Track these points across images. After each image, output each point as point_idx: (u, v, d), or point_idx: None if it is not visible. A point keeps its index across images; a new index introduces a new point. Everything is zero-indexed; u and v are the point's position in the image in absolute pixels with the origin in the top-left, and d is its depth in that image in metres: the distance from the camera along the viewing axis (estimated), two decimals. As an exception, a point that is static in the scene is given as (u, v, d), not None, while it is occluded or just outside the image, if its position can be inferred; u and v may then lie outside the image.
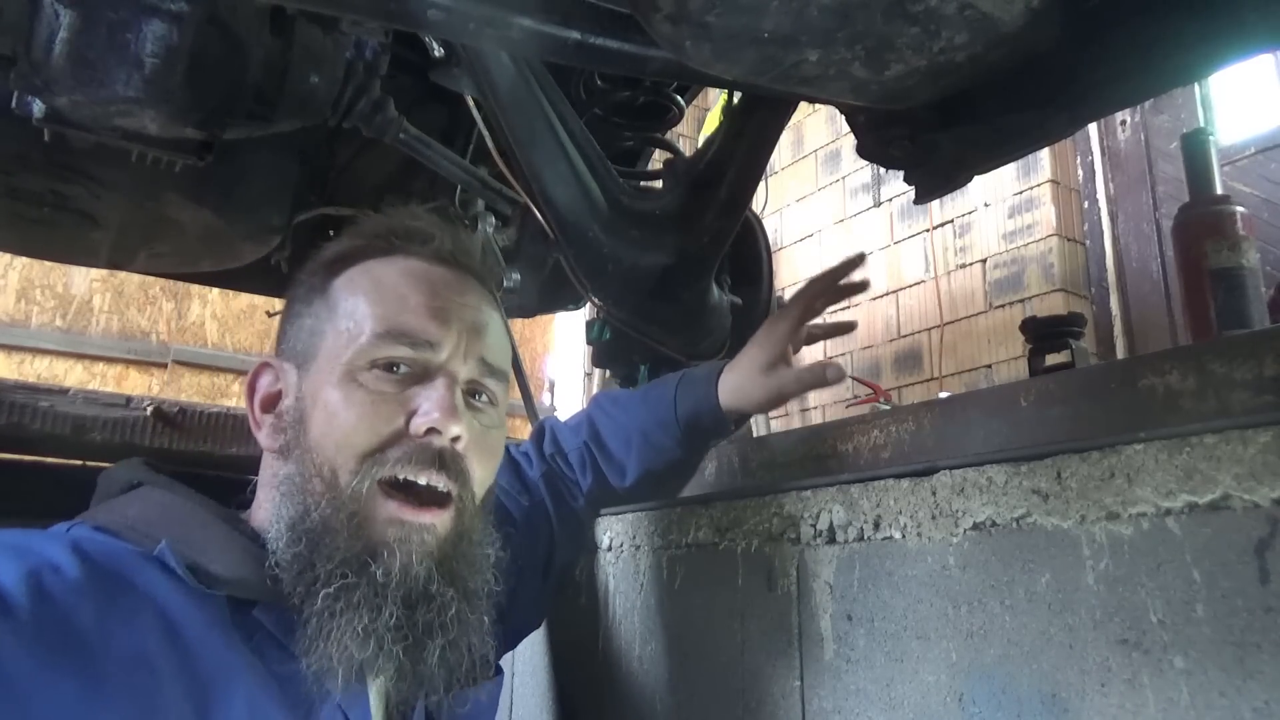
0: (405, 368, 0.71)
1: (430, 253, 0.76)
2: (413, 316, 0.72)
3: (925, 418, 0.68)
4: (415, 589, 0.66)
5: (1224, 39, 0.74)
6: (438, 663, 0.67)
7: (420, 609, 0.66)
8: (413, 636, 0.66)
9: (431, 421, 0.68)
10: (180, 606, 0.61)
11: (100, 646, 0.56)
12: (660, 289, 1.27)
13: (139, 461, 0.75)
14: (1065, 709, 0.57)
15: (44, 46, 0.91)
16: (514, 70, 1.15)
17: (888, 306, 3.50)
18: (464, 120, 1.53)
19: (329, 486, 0.67)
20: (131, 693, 0.56)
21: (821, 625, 0.76)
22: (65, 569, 0.58)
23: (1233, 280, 1.18)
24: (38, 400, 1.07)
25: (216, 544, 0.66)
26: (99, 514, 0.68)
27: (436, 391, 0.70)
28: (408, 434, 0.69)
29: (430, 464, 0.68)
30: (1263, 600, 0.48)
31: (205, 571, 0.63)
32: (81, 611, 0.56)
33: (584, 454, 0.97)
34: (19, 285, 3.38)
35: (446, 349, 0.72)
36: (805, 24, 0.71)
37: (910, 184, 1.04)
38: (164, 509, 0.69)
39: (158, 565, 0.62)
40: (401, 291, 0.73)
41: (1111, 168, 3.07)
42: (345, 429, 0.68)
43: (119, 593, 0.59)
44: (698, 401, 0.90)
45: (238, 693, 0.60)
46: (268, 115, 1.15)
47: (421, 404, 0.69)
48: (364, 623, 0.64)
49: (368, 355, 0.70)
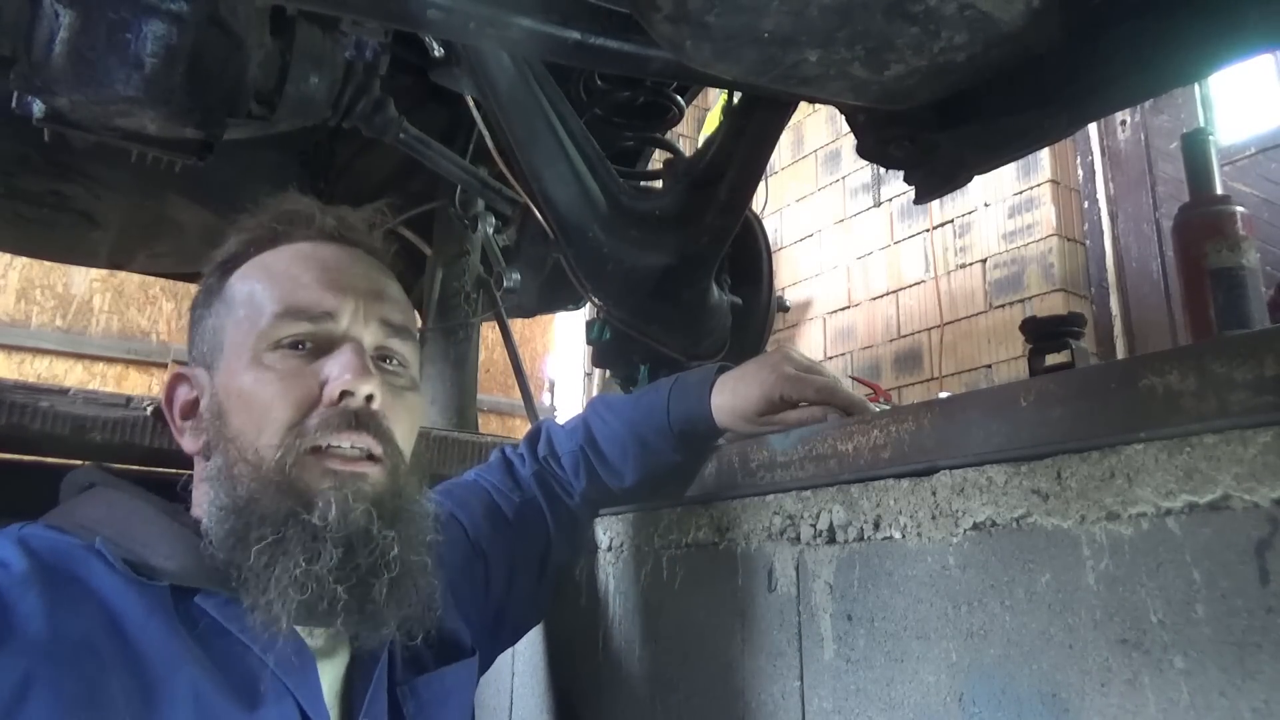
0: (309, 343, 0.72)
1: (315, 233, 0.78)
2: (306, 292, 0.73)
3: (925, 418, 0.68)
4: (355, 532, 0.66)
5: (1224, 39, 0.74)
6: (386, 599, 0.67)
7: (361, 551, 0.66)
8: (356, 577, 0.66)
9: (343, 384, 0.69)
10: (122, 597, 0.62)
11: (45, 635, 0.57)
12: (660, 289, 1.27)
13: (94, 466, 0.77)
14: (1065, 709, 0.57)
15: (44, 46, 0.91)
16: (514, 70, 1.15)
17: (888, 306, 3.50)
18: (464, 120, 1.53)
19: (254, 467, 0.68)
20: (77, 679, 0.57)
21: (821, 625, 0.76)
22: (11, 563, 0.60)
23: (1233, 280, 1.18)
24: (38, 400, 1.07)
25: (157, 536, 0.68)
26: (52, 515, 0.70)
27: (344, 355, 0.71)
28: (321, 401, 0.69)
29: (349, 425, 0.69)
30: (1263, 600, 0.48)
31: (145, 563, 0.65)
32: (26, 601, 0.58)
33: (578, 458, 0.97)
34: (19, 285, 3.38)
35: (345, 316, 0.73)
36: (805, 24, 0.71)
37: (910, 184, 1.04)
38: (110, 506, 0.70)
39: (100, 558, 0.64)
40: (293, 272, 0.74)
41: (1111, 168, 3.07)
42: (261, 410, 0.69)
43: (63, 584, 0.61)
44: (690, 409, 0.90)
45: (182, 680, 0.61)
46: (268, 115, 1.15)
47: (331, 370, 0.70)
48: (301, 567, 0.64)
49: (269, 337, 0.71)
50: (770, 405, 0.85)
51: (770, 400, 0.85)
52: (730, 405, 0.87)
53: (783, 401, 0.85)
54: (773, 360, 0.88)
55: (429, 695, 0.78)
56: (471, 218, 1.76)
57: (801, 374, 0.85)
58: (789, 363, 0.86)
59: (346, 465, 0.69)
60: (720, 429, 0.90)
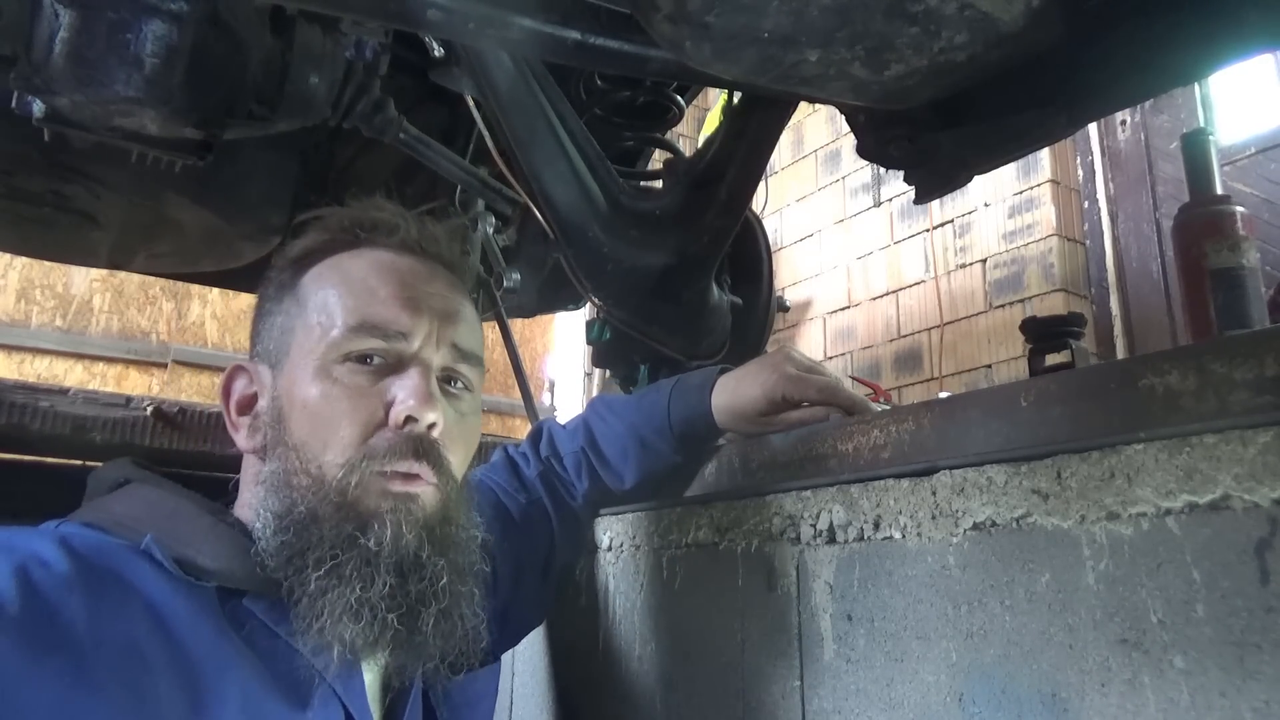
0: (379, 359, 0.71)
1: (397, 243, 0.76)
2: (383, 307, 0.72)
3: (925, 418, 0.68)
4: (407, 558, 0.66)
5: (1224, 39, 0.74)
6: (433, 631, 0.67)
7: (412, 578, 0.66)
8: (406, 605, 0.66)
9: (408, 410, 0.69)
10: (169, 598, 0.61)
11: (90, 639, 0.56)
12: (660, 289, 1.27)
13: (127, 460, 0.75)
14: (1065, 709, 0.57)
15: (44, 46, 0.91)
16: (514, 70, 1.15)
17: (888, 306, 3.50)
18: (464, 120, 1.53)
19: (315, 481, 0.67)
20: (123, 683, 0.56)
21: (821, 625, 0.76)
22: (53, 564, 0.58)
23: (1233, 280, 1.18)
24: (38, 400, 1.07)
25: (203, 536, 0.67)
26: (87, 512, 0.69)
27: (411, 380, 0.70)
28: (386, 424, 0.69)
29: (410, 454, 0.68)
30: (1263, 600, 0.48)
31: (192, 564, 0.64)
32: (69, 605, 0.56)
33: (580, 459, 0.97)
34: (19, 285, 3.38)
35: (418, 338, 0.72)
36: (805, 24, 0.71)
37: (910, 184, 1.04)
38: (150, 504, 0.69)
39: (145, 558, 0.62)
40: (371, 284, 0.73)
41: (1111, 168, 3.07)
42: (326, 426, 0.68)
43: (107, 585, 0.60)
44: (691, 410, 0.90)
45: (231, 682, 0.60)
46: (268, 115, 1.15)
47: (398, 393, 0.69)
48: (356, 594, 0.64)
49: (340, 349, 0.70)
50: (772, 405, 0.85)
51: (772, 400, 0.85)
52: (731, 405, 0.87)
53: (784, 401, 0.85)
54: (774, 360, 0.87)
55: (460, 699, 0.78)
56: (471, 218, 1.76)
57: (803, 374, 0.85)
58: (790, 363, 0.86)
59: (403, 485, 0.68)
60: (721, 430, 0.90)
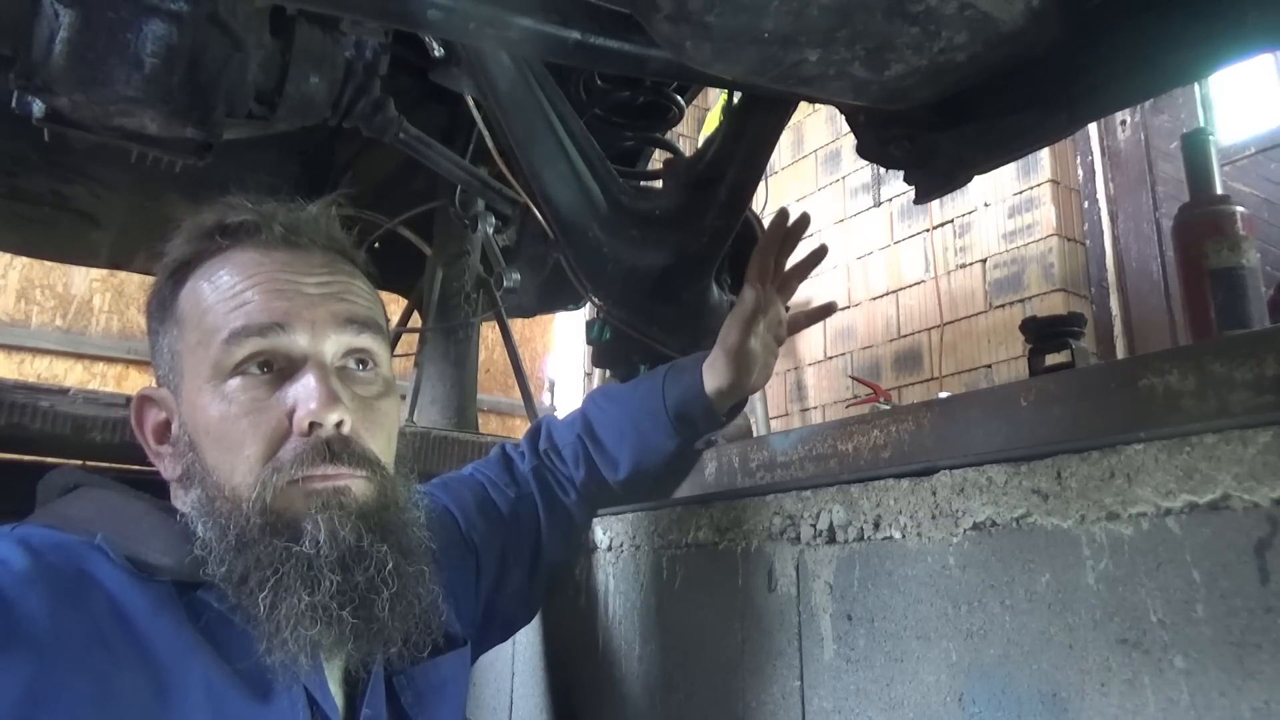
0: (270, 367, 0.70)
1: (262, 241, 0.74)
2: (252, 307, 0.70)
3: (925, 418, 0.68)
4: (348, 551, 0.66)
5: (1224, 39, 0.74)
6: (389, 616, 0.67)
7: (357, 569, 0.66)
8: (357, 597, 0.66)
9: (310, 415, 0.67)
10: (128, 592, 0.62)
11: (52, 633, 0.57)
12: (660, 289, 1.27)
13: (72, 468, 0.76)
14: (1065, 709, 0.57)
15: (44, 46, 0.91)
16: (514, 70, 1.15)
17: (888, 306, 3.50)
18: (464, 120, 1.53)
19: (234, 504, 0.67)
20: (88, 675, 0.57)
21: (821, 625, 0.76)
22: (11, 561, 0.59)
23: (1233, 280, 1.18)
24: (38, 400, 1.07)
25: (153, 533, 0.67)
26: (39, 517, 0.69)
27: (308, 382, 0.68)
28: (292, 432, 0.68)
29: (323, 458, 0.67)
30: (1263, 600, 0.48)
31: (144, 561, 0.64)
32: (29, 601, 0.57)
33: (578, 448, 0.97)
34: (19, 285, 3.38)
35: (300, 329, 0.70)
36: (805, 24, 0.71)
37: (910, 184, 1.04)
38: (100, 505, 0.69)
39: (102, 554, 0.63)
40: (238, 288, 0.71)
41: (1111, 168, 3.07)
42: (232, 446, 0.67)
43: (67, 580, 0.60)
44: (684, 389, 0.90)
45: (194, 672, 0.61)
46: (268, 115, 1.15)
47: (297, 398, 0.68)
48: (305, 600, 0.64)
49: (224, 364, 0.69)
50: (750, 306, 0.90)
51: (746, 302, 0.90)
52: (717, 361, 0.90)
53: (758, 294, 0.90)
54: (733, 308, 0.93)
55: (424, 684, 0.78)
56: (471, 218, 1.76)
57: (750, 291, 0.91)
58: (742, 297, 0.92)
59: (326, 482, 0.68)
60: (714, 415, 0.91)
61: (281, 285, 0.71)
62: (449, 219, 1.81)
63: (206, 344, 0.70)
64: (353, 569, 0.66)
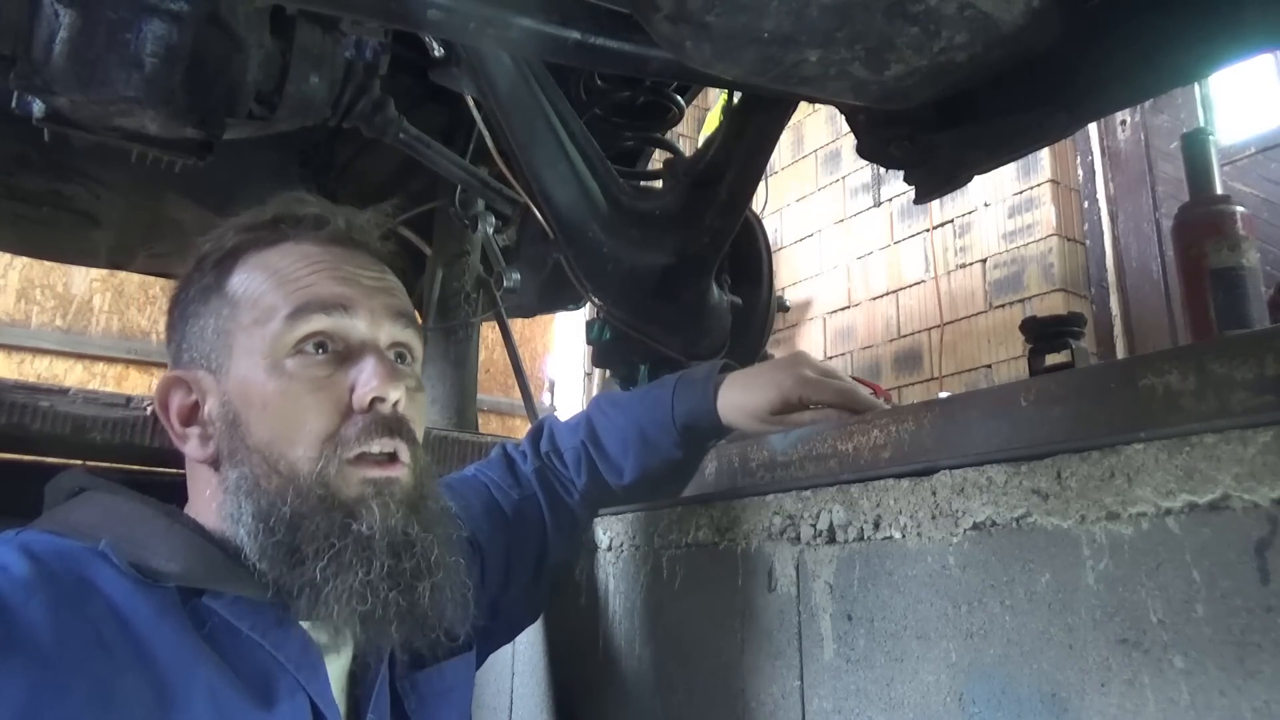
0: (328, 346, 0.71)
1: (325, 237, 0.76)
2: (319, 288, 0.72)
3: (925, 418, 0.68)
4: (396, 538, 0.68)
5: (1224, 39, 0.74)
6: (429, 603, 0.69)
7: (405, 556, 0.68)
8: (404, 582, 0.68)
9: (374, 390, 0.69)
10: (131, 599, 0.62)
11: (53, 640, 0.56)
12: (660, 289, 1.27)
13: (79, 470, 0.77)
14: (1065, 709, 0.57)
15: (44, 46, 0.91)
16: (514, 70, 1.15)
17: (888, 306, 3.50)
18: (464, 120, 1.53)
19: (288, 480, 0.68)
20: (90, 681, 0.56)
21: (821, 625, 0.76)
22: (12, 567, 0.59)
23: (1233, 280, 1.18)
24: (38, 400, 1.07)
25: (156, 538, 0.67)
26: (45, 521, 0.69)
27: (371, 362, 0.71)
28: (353, 410, 0.70)
29: (384, 433, 0.70)
30: (1263, 600, 0.48)
31: (148, 566, 0.64)
32: (30, 607, 0.57)
33: (580, 454, 0.97)
34: (19, 285, 3.38)
35: (360, 314, 0.72)
36: (805, 24, 0.71)
37: (910, 184, 1.04)
38: (105, 510, 0.69)
39: (106, 561, 0.63)
40: (301, 271, 0.73)
41: (1111, 168, 3.07)
42: (290, 423, 0.69)
43: (69, 587, 0.60)
44: (694, 404, 0.90)
45: (197, 679, 0.61)
46: (268, 115, 1.15)
47: (359, 376, 0.70)
48: (359, 578, 0.65)
49: (286, 340, 0.70)
50: (786, 405, 0.86)
51: (787, 401, 0.85)
52: (741, 403, 0.88)
53: (799, 403, 0.86)
54: (790, 362, 0.88)
55: (429, 690, 0.78)
56: (471, 218, 1.76)
57: (820, 377, 0.86)
58: (807, 365, 0.87)
59: (380, 470, 0.70)
60: (724, 427, 0.90)
61: (344, 274, 0.74)
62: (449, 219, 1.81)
63: (264, 321, 0.71)
64: (401, 555, 0.68)
